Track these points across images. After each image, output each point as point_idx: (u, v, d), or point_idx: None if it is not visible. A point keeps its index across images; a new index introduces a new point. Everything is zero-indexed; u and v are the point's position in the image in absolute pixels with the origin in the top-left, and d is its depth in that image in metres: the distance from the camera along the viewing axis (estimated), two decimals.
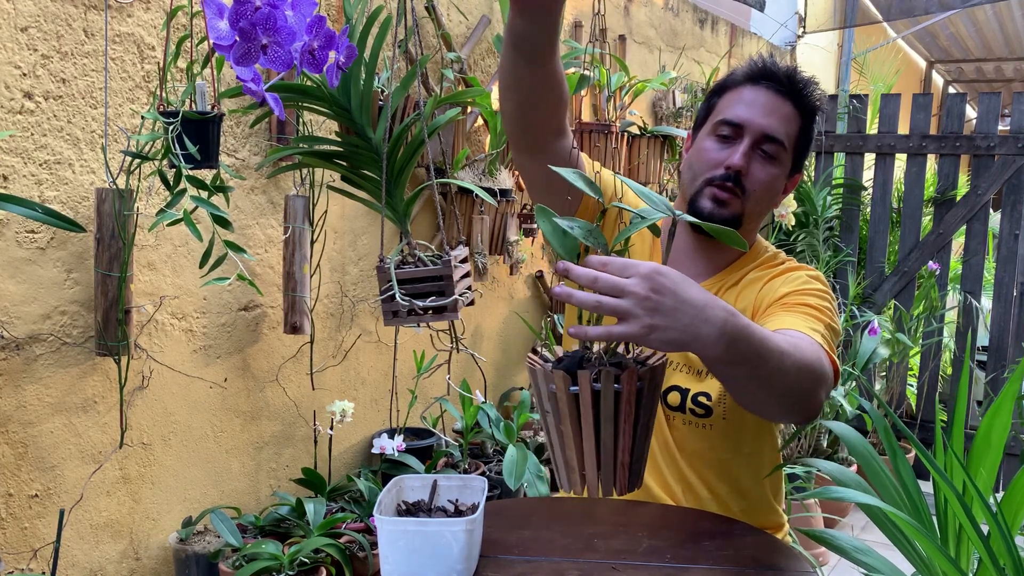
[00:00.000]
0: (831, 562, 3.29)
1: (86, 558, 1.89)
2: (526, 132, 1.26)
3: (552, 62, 1.16)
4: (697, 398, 1.37)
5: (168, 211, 1.44)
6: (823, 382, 1.10)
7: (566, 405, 0.93)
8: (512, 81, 1.19)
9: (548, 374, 0.93)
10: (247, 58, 0.83)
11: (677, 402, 1.38)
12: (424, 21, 2.57)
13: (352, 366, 2.52)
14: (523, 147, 1.29)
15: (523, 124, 1.25)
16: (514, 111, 1.24)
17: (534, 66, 1.15)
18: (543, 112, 1.23)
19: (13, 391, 1.72)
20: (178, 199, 1.45)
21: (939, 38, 6.73)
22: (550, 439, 0.99)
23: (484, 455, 2.73)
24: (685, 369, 1.38)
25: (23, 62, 1.67)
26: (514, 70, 1.17)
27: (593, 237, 0.91)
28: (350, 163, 1.39)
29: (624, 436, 0.93)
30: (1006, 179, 3.97)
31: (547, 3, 1.01)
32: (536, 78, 1.17)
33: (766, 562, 1.12)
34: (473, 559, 1.07)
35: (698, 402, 1.37)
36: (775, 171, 1.35)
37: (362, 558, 2.07)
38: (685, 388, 1.37)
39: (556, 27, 1.10)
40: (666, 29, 3.91)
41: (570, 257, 0.93)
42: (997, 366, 4.03)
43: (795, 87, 1.35)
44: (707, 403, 1.36)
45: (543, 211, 0.95)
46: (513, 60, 1.16)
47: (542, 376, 0.94)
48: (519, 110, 1.23)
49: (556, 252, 0.94)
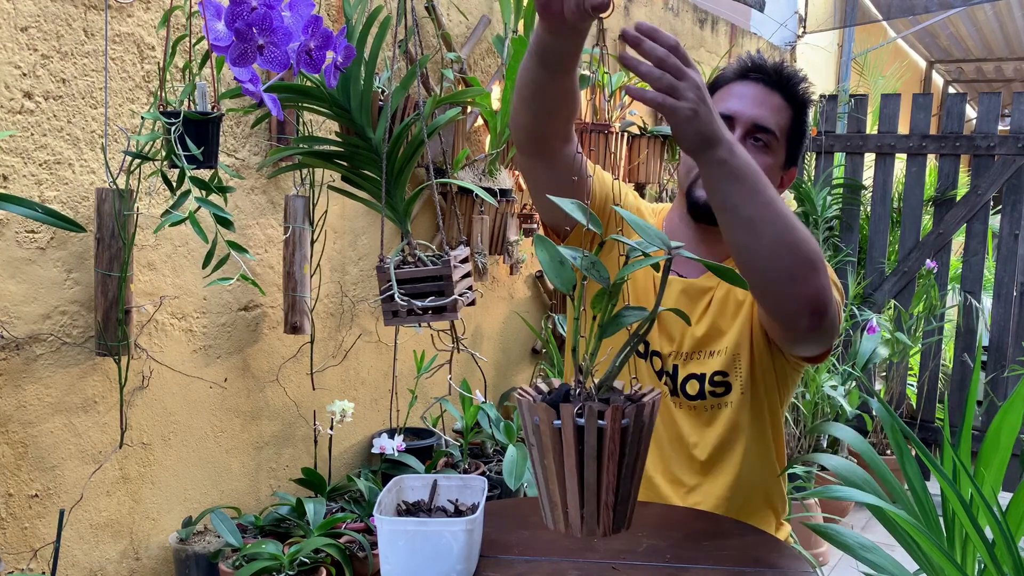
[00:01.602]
0: (831, 562, 3.29)
1: (86, 558, 1.89)
2: (537, 140, 1.26)
3: (574, 73, 1.17)
4: (714, 378, 1.40)
5: (174, 212, 1.44)
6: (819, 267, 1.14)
7: (548, 439, 0.90)
8: (533, 91, 1.20)
9: (532, 406, 0.91)
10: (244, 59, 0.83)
11: (696, 390, 1.41)
12: (424, 21, 2.57)
13: (352, 366, 2.52)
14: (531, 152, 1.29)
15: (536, 133, 1.25)
16: (530, 121, 1.24)
17: (556, 78, 1.15)
18: (557, 121, 1.23)
19: (13, 391, 1.72)
20: (183, 200, 1.45)
21: (939, 38, 6.73)
22: (535, 473, 0.96)
23: (484, 455, 2.73)
24: (697, 355, 1.40)
25: (23, 62, 1.67)
26: (536, 80, 1.18)
27: (596, 270, 0.90)
28: (350, 163, 1.39)
29: (608, 475, 0.90)
30: (1006, 179, 3.97)
31: (576, 21, 1.01)
32: (558, 89, 1.17)
33: (766, 562, 1.12)
34: (473, 559, 1.07)
35: (715, 381, 1.40)
36: (768, 160, 1.38)
37: (362, 558, 2.07)
38: (701, 373, 1.40)
39: (582, 42, 1.10)
40: (666, 29, 3.90)
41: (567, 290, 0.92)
42: (997, 366, 4.03)
43: (783, 79, 1.40)
44: (724, 379, 1.39)
45: (541, 241, 0.93)
46: (536, 72, 1.17)
47: (527, 408, 0.91)
48: (535, 120, 1.23)
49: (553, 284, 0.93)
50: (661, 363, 1.43)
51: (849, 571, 3.11)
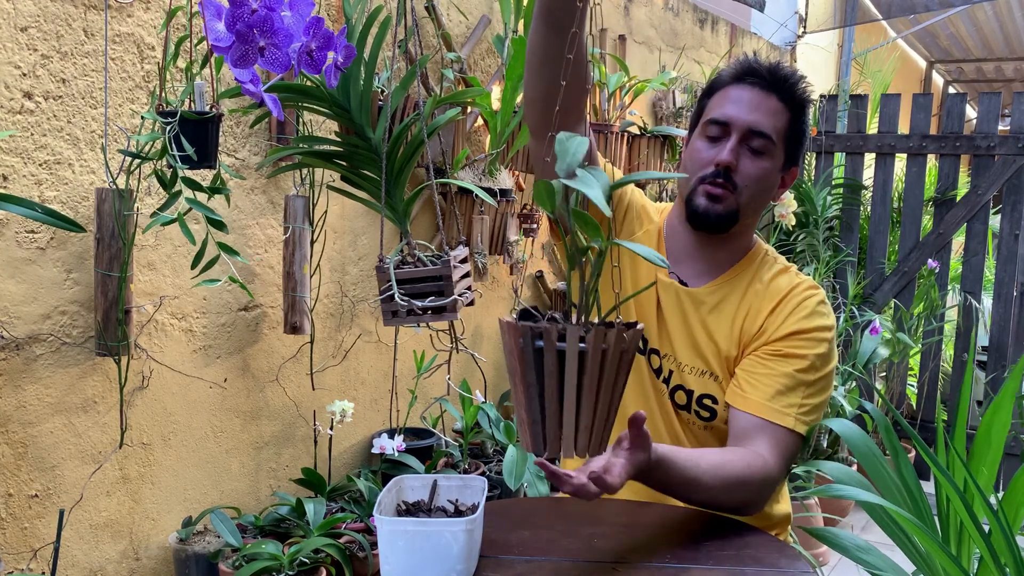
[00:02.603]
0: (831, 562, 3.29)
1: (86, 558, 1.89)
2: (550, 115, 1.26)
3: (582, 36, 1.17)
4: (703, 400, 1.39)
5: (163, 213, 1.43)
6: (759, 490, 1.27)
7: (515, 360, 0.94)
8: (542, 57, 1.20)
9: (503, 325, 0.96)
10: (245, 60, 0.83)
11: (684, 402, 1.40)
12: (424, 21, 2.56)
13: (352, 366, 2.52)
14: (544, 134, 1.28)
15: (549, 105, 1.24)
16: (542, 92, 1.23)
17: (564, 38, 1.15)
18: (570, 93, 1.22)
19: (13, 391, 1.72)
20: (174, 200, 1.45)
21: (939, 38, 6.73)
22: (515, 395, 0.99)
23: (484, 455, 2.73)
24: (690, 370, 1.39)
25: (23, 62, 1.67)
26: (545, 45, 1.18)
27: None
28: (350, 163, 1.39)
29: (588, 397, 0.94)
30: (1006, 179, 3.96)
31: None
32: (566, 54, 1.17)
33: (766, 562, 1.12)
34: (473, 559, 1.07)
35: (703, 404, 1.39)
36: (765, 165, 1.37)
37: (362, 558, 2.07)
38: (690, 390, 1.39)
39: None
40: (666, 29, 3.91)
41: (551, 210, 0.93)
42: (997, 366, 4.03)
43: (779, 81, 1.38)
44: (712, 406, 1.39)
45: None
46: (544, 35, 1.17)
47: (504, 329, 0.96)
48: (547, 91, 1.21)
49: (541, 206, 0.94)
50: (659, 362, 1.42)
51: (849, 571, 3.11)
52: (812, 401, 1.33)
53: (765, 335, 1.37)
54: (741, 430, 1.32)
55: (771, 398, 1.31)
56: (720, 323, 1.39)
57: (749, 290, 1.41)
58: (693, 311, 1.41)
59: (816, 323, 1.36)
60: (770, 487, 1.29)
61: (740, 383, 1.35)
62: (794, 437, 1.31)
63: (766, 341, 1.36)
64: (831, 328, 1.38)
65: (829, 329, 1.38)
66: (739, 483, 1.24)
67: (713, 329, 1.40)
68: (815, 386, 1.34)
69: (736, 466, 1.24)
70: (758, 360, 1.35)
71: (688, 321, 1.41)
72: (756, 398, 1.32)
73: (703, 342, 1.40)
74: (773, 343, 1.36)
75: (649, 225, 1.48)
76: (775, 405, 1.31)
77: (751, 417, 1.31)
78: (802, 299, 1.38)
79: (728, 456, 1.27)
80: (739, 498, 1.25)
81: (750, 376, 1.34)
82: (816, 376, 1.35)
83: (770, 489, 1.29)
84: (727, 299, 1.41)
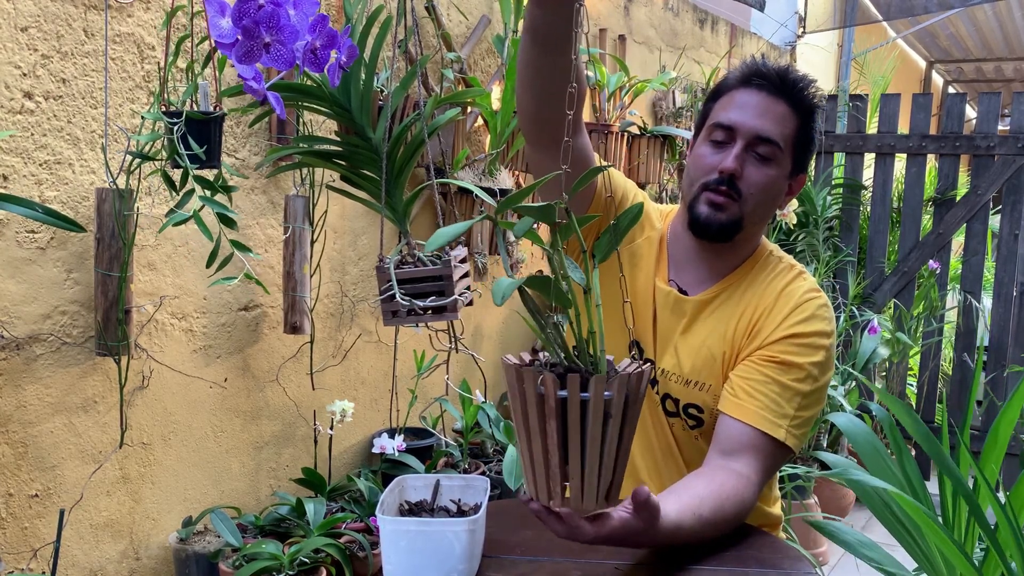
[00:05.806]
0: (831, 562, 3.29)
1: (86, 558, 1.88)
2: (544, 128, 1.24)
3: (570, 53, 1.16)
4: (688, 409, 1.37)
5: (178, 212, 1.44)
6: (742, 520, 1.24)
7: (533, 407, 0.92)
8: (532, 73, 1.18)
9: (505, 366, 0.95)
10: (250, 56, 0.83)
11: (673, 409, 1.39)
12: (424, 21, 2.56)
13: (352, 366, 2.52)
14: (541, 144, 1.27)
15: (541, 119, 1.23)
16: (533, 105, 1.22)
17: (553, 56, 1.14)
18: (561, 105, 1.22)
19: (13, 391, 1.72)
20: (187, 199, 1.45)
21: (939, 38, 6.73)
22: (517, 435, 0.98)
23: (484, 455, 2.73)
24: (675, 379, 1.38)
25: (23, 62, 1.67)
26: (533, 62, 1.17)
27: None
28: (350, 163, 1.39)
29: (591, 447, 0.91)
30: (1006, 179, 3.96)
31: None
32: (555, 68, 1.16)
33: (767, 562, 1.12)
34: (475, 559, 1.07)
35: (689, 413, 1.37)
36: (771, 172, 1.33)
37: (362, 558, 2.07)
38: (676, 398, 1.38)
39: (571, 15, 1.09)
40: (666, 29, 3.91)
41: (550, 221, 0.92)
42: (997, 366, 4.03)
43: (787, 86, 1.33)
44: (698, 415, 1.37)
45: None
46: (532, 52, 1.16)
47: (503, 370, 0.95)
48: (538, 103, 1.21)
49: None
50: (652, 371, 1.41)
51: (849, 571, 3.11)
52: (805, 414, 1.30)
53: (761, 336, 1.33)
54: (730, 440, 1.28)
55: (765, 407, 1.27)
56: (715, 327, 1.37)
57: (748, 290, 1.38)
58: (687, 320, 1.38)
59: (814, 328, 1.33)
60: (748, 513, 1.26)
61: (735, 389, 1.31)
62: (783, 450, 1.28)
63: (762, 344, 1.33)
64: (830, 334, 1.35)
65: (828, 335, 1.34)
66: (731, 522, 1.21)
67: (706, 334, 1.37)
68: (810, 397, 1.31)
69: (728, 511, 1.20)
70: (754, 366, 1.31)
71: (680, 330, 1.38)
72: (750, 406, 1.28)
73: (693, 351, 1.37)
74: (769, 346, 1.32)
75: (651, 232, 1.45)
76: (769, 416, 1.27)
77: (743, 426, 1.27)
78: (802, 301, 1.35)
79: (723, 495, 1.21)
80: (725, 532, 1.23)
81: (745, 382, 1.30)
82: (812, 387, 1.31)
83: (748, 515, 1.26)
84: (725, 302, 1.38)
